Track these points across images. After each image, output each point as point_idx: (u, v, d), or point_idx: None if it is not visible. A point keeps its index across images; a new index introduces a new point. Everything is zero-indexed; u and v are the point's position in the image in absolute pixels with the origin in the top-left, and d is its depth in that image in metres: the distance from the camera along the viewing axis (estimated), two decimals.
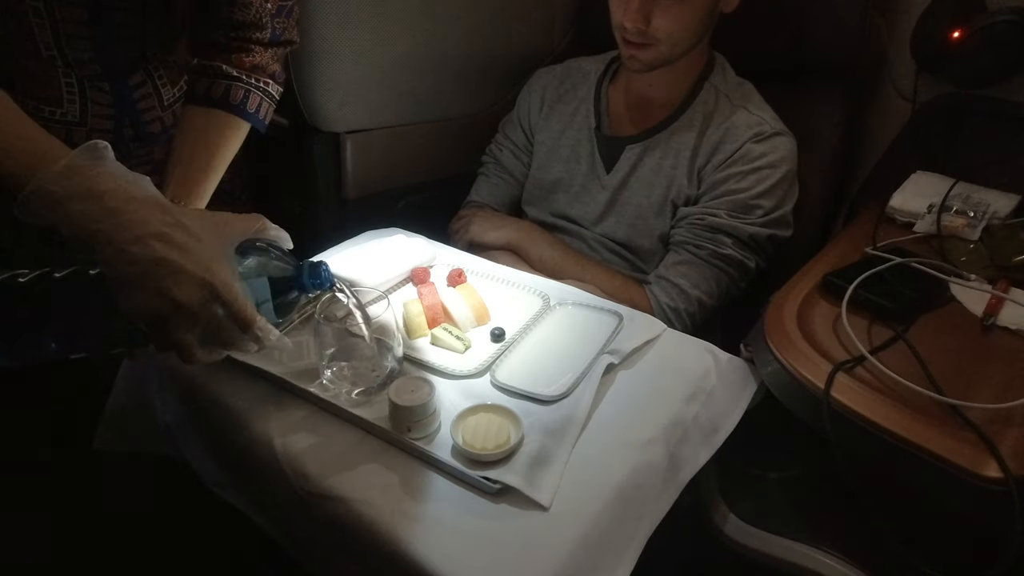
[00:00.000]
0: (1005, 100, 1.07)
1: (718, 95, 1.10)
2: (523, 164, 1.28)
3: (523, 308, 0.91)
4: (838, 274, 0.86)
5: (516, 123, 1.28)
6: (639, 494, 0.67)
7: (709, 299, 1.04)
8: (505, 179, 1.29)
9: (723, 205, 1.04)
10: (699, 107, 1.10)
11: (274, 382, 0.78)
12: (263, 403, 0.76)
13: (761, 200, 1.03)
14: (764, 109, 1.09)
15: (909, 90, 1.15)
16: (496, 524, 0.62)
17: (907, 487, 0.67)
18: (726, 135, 1.06)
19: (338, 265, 0.93)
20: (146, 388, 0.86)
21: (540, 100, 1.25)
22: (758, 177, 1.03)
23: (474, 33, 1.29)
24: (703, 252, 1.04)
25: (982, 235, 0.94)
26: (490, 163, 1.31)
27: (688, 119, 1.10)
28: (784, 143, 1.05)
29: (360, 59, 1.15)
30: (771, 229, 1.04)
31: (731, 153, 1.04)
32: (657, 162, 1.11)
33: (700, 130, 1.08)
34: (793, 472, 0.85)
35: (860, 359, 0.74)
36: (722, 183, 1.04)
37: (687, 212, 1.07)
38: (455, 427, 0.68)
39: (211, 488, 0.82)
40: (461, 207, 1.31)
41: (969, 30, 1.05)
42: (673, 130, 1.10)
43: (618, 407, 0.75)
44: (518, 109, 1.29)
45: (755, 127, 1.05)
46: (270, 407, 0.75)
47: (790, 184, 1.06)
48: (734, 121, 1.06)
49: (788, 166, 1.05)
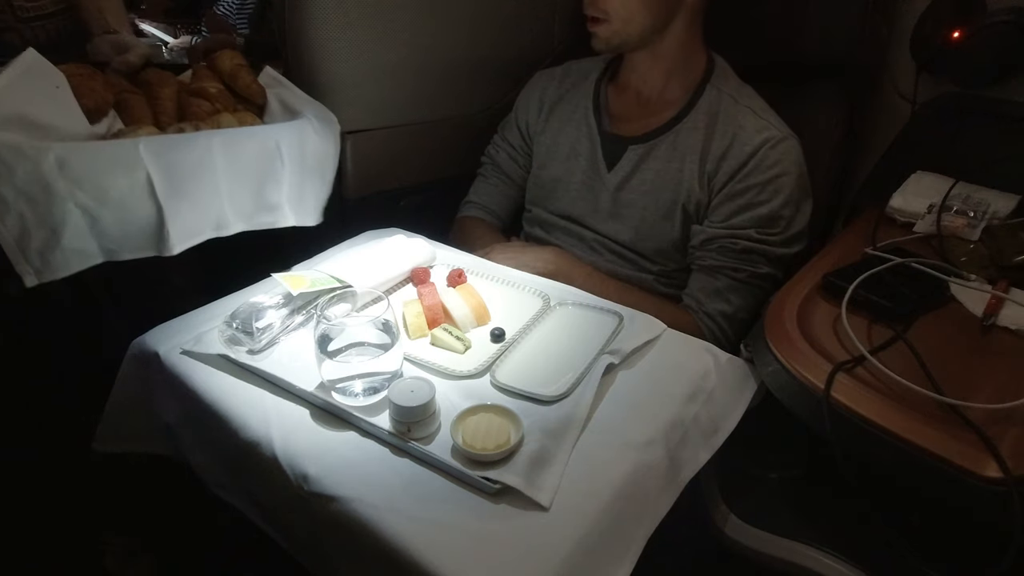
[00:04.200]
0: (1005, 100, 1.07)
1: (721, 95, 1.09)
2: (519, 167, 1.29)
3: (523, 308, 0.91)
4: (838, 274, 0.86)
5: (514, 126, 1.28)
6: (639, 494, 0.67)
7: (750, 316, 1.07)
8: (503, 181, 1.30)
9: (749, 223, 1.04)
10: (703, 108, 1.09)
11: (274, 382, 0.78)
12: (263, 403, 0.76)
13: (783, 211, 1.04)
14: (769, 113, 1.08)
15: (909, 90, 1.15)
16: (496, 524, 0.62)
17: (907, 487, 0.67)
18: (735, 140, 1.05)
19: (338, 265, 0.93)
20: (146, 388, 0.86)
21: (539, 102, 1.25)
22: (776, 187, 1.03)
23: (475, 33, 1.29)
24: (741, 275, 1.05)
25: (982, 235, 0.94)
26: (488, 164, 1.32)
27: (693, 121, 1.09)
28: (794, 147, 1.06)
29: (360, 59, 1.15)
30: (794, 247, 1.06)
31: (744, 161, 1.04)
32: (663, 164, 1.10)
33: (706, 132, 1.08)
34: (793, 472, 0.85)
35: (860, 359, 0.74)
36: (741, 195, 1.04)
37: (713, 234, 1.06)
38: (455, 427, 0.68)
39: (211, 488, 0.82)
40: (460, 207, 1.31)
41: (969, 30, 1.05)
42: (678, 131, 1.10)
43: (618, 407, 0.75)
44: (516, 112, 1.29)
45: (764, 132, 1.04)
46: (270, 407, 0.75)
47: (803, 189, 1.06)
48: (742, 124, 1.06)
49: (799, 169, 1.05)
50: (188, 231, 0.86)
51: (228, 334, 0.83)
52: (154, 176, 0.80)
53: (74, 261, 0.79)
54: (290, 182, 0.92)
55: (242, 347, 0.82)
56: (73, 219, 0.77)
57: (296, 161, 0.93)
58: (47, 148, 0.74)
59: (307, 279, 0.87)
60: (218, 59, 1.02)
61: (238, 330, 0.83)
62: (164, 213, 0.82)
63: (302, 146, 0.93)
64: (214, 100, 0.97)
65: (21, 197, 0.74)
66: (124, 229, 0.81)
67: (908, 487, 0.67)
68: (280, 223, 0.94)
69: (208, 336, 0.83)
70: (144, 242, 0.83)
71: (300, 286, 0.85)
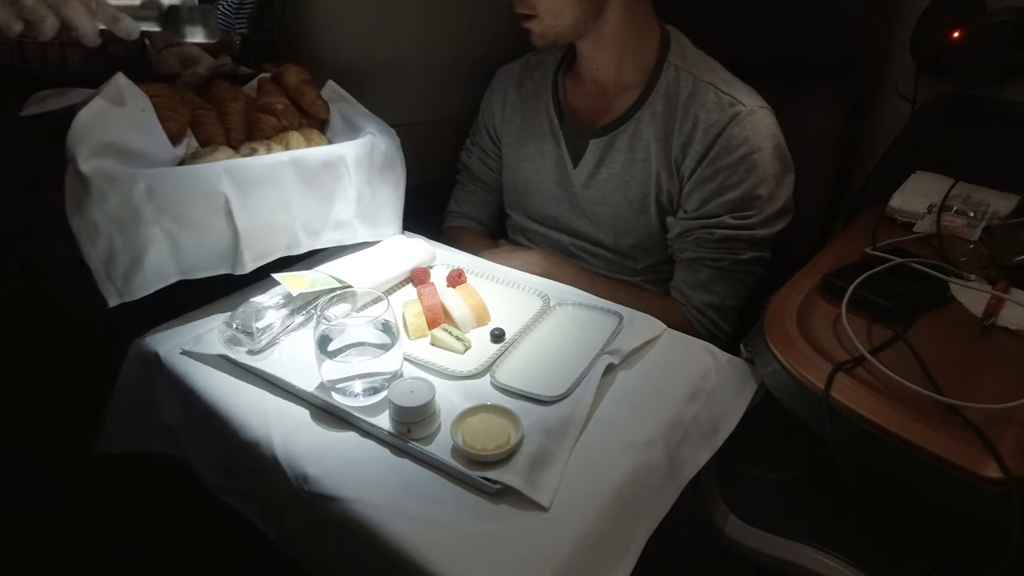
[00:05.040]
0: (1005, 100, 1.07)
1: (679, 74, 1.03)
2: (491, 170, 1.26)
3: (523, 308, 0.91)
4: (838, 274, 0.86)
5: (482, 128, 1.26)
6: (639, 494, 0.67)
7: (742, 303, 1.05)
8: (478, 186, 1.28)
9: (722, 208, 1.00)
10: (661, 91, 1.04)
11: (274, 382, 0.78)
12: (263, 403, 0.76)
13: (758, 190, 0.99)
14: (734, 86, 1.02)
15: (909, 90, 1.15)
16: (496, 524, 0.62)
17: (907, 487, 0.67)
18: (698, 122, 1.00)
19: (338, 265, 0.93)
20: (147, 389, 0.86)
21: (502, 102, 1.22)
22: (747, 167, 0.98)
23: (473, 32, 1.29)
24: (724, 263, 1.02)
25: (982, 235, 0.94)
26: (462, 171, 1.29)
27: (652, 106, 1.04)
28: (762, 118, 0.99)
29: (360, 59, 1.15)
30: (778, 225, 1.02)
31: (710, 143, 0.99)
32: (626, 157, 1.06)
33: (667, 117, 1.02)
34: (793, 472, 0.85)
35: (860, 359, 0.74)
36: (711, 180, 1.00)
37: (687, 227, 1.03)
38: (455, 427, 0.68)
39: (211, 488, 0.82)
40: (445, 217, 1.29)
41: (969, 30, 1.05)
42: (639, 119, 1.05)
43: (618, 407, 0.75)
44: (482, 114, 1.26)
45: (728, 108, 0.98)
46: (270, 407, 0.75)
47: (780, 161, 1.00)
48: (704, 103, 1.00)
49: (772, 142, 0.99)
50: (261, 251, 0.88)
51: (228, 334, 0.83)
52: (232, 200, 0.82)
53: (153, 281, 0.81)
54: (360, 198, 0.94)
55: (242, 347, 0.82)
56: (156, 243, 0.79)
57: (363, 177, 0.94)
58: (138, 175, 0.77)
59: (307, 279, 0.87)
60: (284, 74, 1.05)
61: (238, 330, 0.83)
62: (239, 235, 0.84)
63: (370, 162, 0.95)
64: (280, 116, 0.99)
65: (111, 223, 0.76)
66: (201, 250, 0.83)
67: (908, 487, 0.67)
68: (349, 240, 0.96)
69: (208, 336, 0.83)
70: (218, 262, 0.86)
71: (300, 286, 0.85)
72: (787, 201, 1.03)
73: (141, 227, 0.78)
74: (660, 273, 1.12)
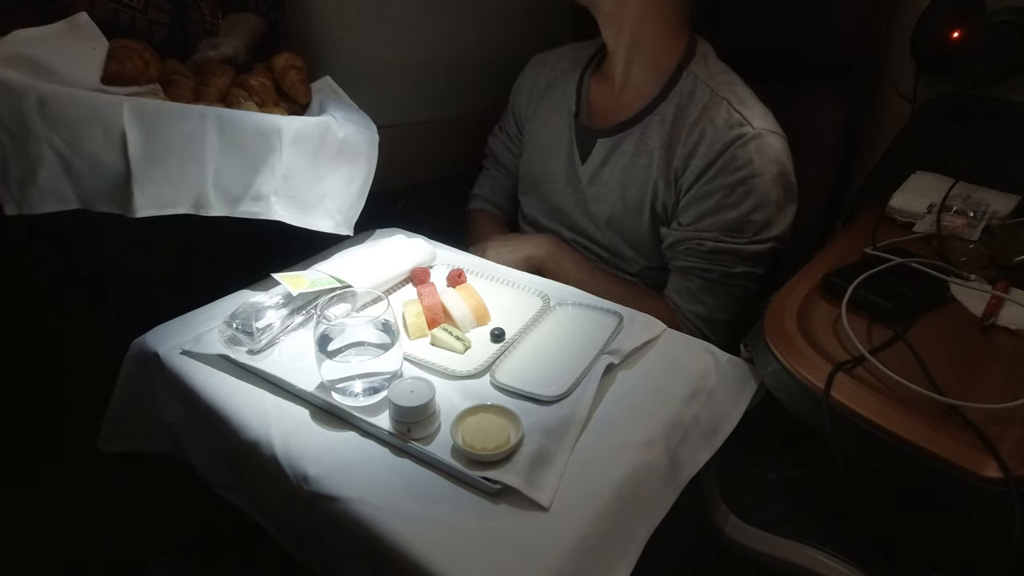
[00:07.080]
0: (1005, 100, 1.07)
1: (696, 84, 1.02)
2: (513, 155, 1.28)
3: (523, 308, 0.91)
4: (838, 274, 0.86)
5: (510, 113, 1.28)
6: (639, 494, 0.67)
7: (732, 317, 1.03)
8: (500, 171, 1.30)
9: (715, 226, 0.98)
10: (674, 99, 1.02)
11: (274, 382, 0.78)
12: (263, 403, 0.76)
13: (753, 216, 0.97)
14: (748, 104, 0.99)
15: (909, 90, 1.15)
16: (496, 524, 0.62)
17: (907, 487, 0.67)
18: (704, 136, 0.98)
19: (338, 265, 0.93)
20: (148, 389, 0.86)
21: (529, 89, 1.23)
22: (745, 190, 0.96)
23: (475, 33, 1.29)
24: (714, 275, 1.01)
25: (982, 235, 0.94)
26: (488, 155, 1.33)
27: (662, 113, 1.03)
28: (770, 144, 0.97)
29: (361, 59, 1.15)
30: (770, 244, 1.00)
31: (712, 160, 0.97)
32: (629, 159, 1.06)
33: (675, 125, 1.01)
34: (793, 472, 0.84)
35: (860, 359, 0.74)
36: (708, 197, 0.98)
37: (679, 237, 1.02)
38: (455, 427, 0.69)
39: (212, 488, 0.82)
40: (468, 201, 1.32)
41: (969, 30, 1.05)
42: (647, 124, 1.04)
43: (618, 407, 0.75)
44: (512, 99, 1.28)
45: (736, 128, 0.96)
46: (270, 407, 0.75)
47: (784, 188, 0.98)
48: (713, 119, 0.98)
49: (777, 168, 0.97)
50: (158, 199, 0.85)
51: (228, 334, 0.83)
52: (129, 137, 0.80)
53: (50, 201, 0.81)
54: (289, 177, 0.91)
55: (242, 347, 0.82)
56: (48, 160, 0.79)
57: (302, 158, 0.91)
58: (32, 87, 0.77)
59: (307, 279, 0.88)
60: (275, 58, 1.05)
61: (238, 330, 0.83)
62: (132, 174, 0.82)
63: (317, 144, 0.92)
64: (253, 92, 0.98)
65: (3, 129, 0.77)
66: (96, 181, 0.82)
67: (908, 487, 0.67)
68: (265, 215, 0.91)
69: (208, 336, 0.83)
70: (112, 199, 0.83)
71: (300, 286, 0.86)
72: (784, 230, 1.00)
73: (31, 140, 0.77)
74: (654, 278, 1.12)
